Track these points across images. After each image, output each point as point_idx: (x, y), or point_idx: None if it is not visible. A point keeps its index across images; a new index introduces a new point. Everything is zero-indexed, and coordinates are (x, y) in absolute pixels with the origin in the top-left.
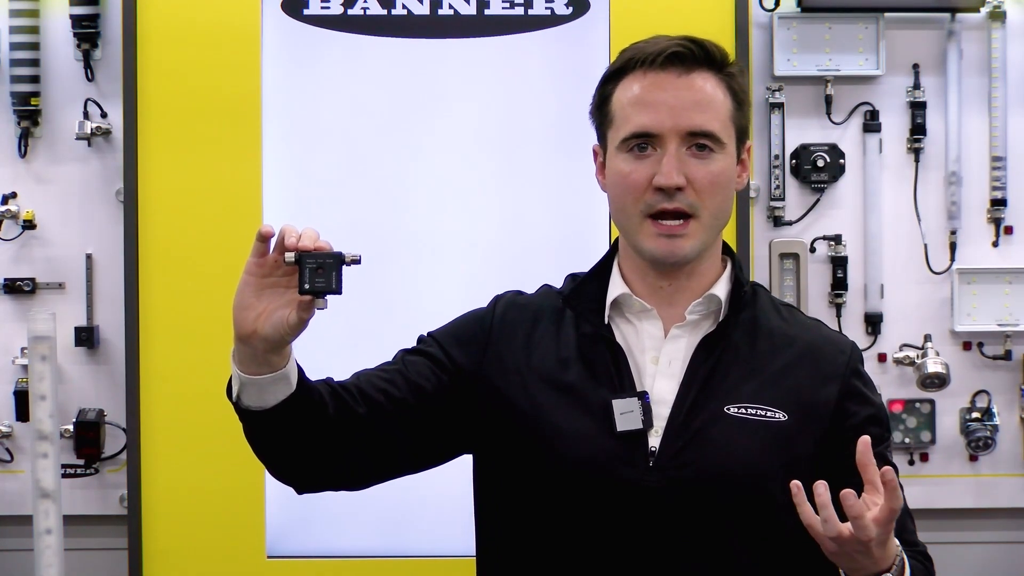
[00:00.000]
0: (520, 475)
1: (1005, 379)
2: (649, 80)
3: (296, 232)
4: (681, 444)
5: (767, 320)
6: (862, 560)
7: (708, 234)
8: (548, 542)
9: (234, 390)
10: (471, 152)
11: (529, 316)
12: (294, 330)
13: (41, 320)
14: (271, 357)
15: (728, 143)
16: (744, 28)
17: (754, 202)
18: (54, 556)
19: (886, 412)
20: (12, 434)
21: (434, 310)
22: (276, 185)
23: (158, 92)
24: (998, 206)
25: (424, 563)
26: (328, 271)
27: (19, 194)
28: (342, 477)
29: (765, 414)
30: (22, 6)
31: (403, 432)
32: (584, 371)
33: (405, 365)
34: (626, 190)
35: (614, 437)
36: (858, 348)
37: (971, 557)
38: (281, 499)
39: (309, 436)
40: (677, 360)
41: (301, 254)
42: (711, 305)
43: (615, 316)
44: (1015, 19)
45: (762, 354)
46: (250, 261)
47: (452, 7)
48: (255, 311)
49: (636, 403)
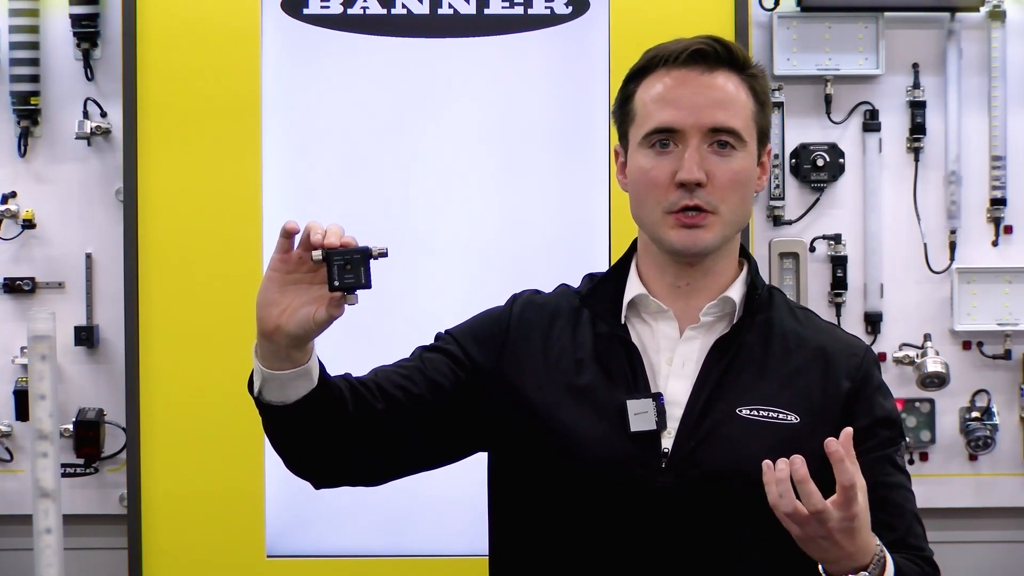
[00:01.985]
0: (534, 474)
1: (1005, 378)
2: (672, 77)
3: (321, 229)
4: (693, 445)
5: (781, 323)
6: (830, 549)
7: (727, 230)
8: (561, 541)
9: (255, 385)
10: (471, 151)
11: (546, 315)
12: (320, 327)
13: (41, 319)
14: (294, 353)
15: (749, 142)
16: (744, 28)
17: (754, 201)
18: (54, 556)
19: (898, 416)
20: (12, 433)
21: (434, 310)
22: (276, 184)
23: (158, 92)
24: (998, 205)
25: (424, 562)
26: (356, 267)
27: (19, 193)
28: (360, 473)
29: (777, 416)
30: (22, 5)
31: (421, 429)
32: (599, 371)
33: (423, 362)
34: (648, 186)
35: (628, 438)
36: (872, 351)
37: (971, 556)
38: (281, 498)
39: (329, 432)
40: (691, 361)
41: (328, 251)
42: (726, 307)
43: (631, 316)
44: (1015, 18)
45: (775, 356)
46: (274, 257)
47: (452, 6)
48: (279, 307)
49: (650, 404)
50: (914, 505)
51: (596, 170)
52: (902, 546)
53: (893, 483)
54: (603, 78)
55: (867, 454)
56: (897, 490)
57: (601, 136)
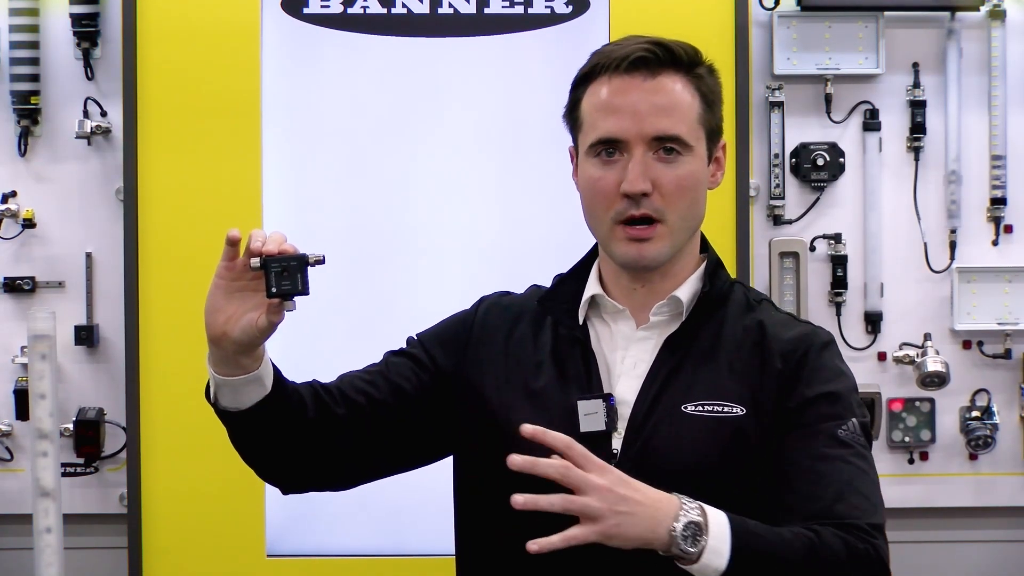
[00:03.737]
0: (492, 475)
1: (1005, 378)
2: (615, 85)
3: (262, 236)
4: (640, 444)
5: (736, 316)
6: (628, 510)
7: (677, 237)
8: (518, 541)
9: (211, 392)
10: (471, 151)
11: (510, 317)
12: (264, 333)
13: (41, 319)
14: (242, 359)
15: (696, 145)
16: (744, 27)
17: (754, 201)
18: (54, 555)
19: (848, 393)
20: (12, 433)
21: (434, 309)
22: (276, 183)
23: (158, 91)
24: (998, 205)
25: (424, 562)
26: (293, 273)
27: (19, 193)
28: (325, 477)
29: (723, 409)
30: (22, 5)
31: (383, 433)
32: (556, 373)
33: (387, 366)
34: (595, 196)
35: (578, 439)
36: (821, 334)
37: (970, 556)
38: (281, 498)
39: (287, 437)
40: (643, 361)
41: (266, 258)
42: (677, 306)
43: (592, 316)
44: (1015, 18)
45: (725, 350)
46: (220, 265)
47: (452, 6)
48: (224, 314)
49: (600, 404)
50: (860, 478)
51: None
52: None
53: (827, 455)
54: None
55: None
56: (830, 461)
57: None
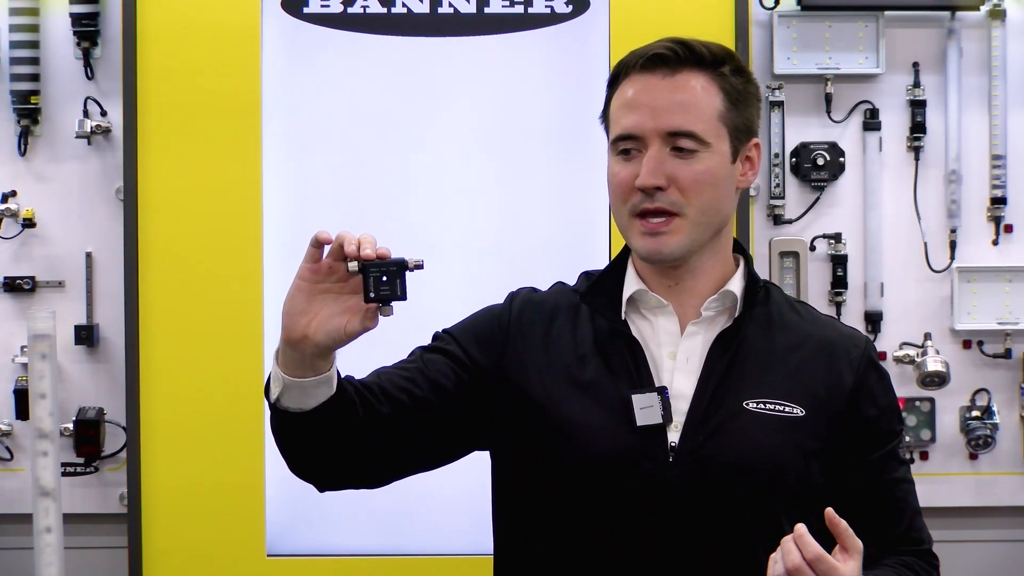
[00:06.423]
0: (540, 471)
1: (1005, 377)
2: (638, 83)
3: (355, 240)
4: (701, 439)
5: (781, 316)
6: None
7: (698, 231)
8: (568, 537)
9: (273, 391)
10: (471, 150)
11: (546, 313)
12: (351, 337)
13: (41, 318)
14: (318, 362)
15: (714, 142)
16: (744, 26)
17: (754, 201)
18: (54, 555)
19: (898, 406)
20: (12, 432)
21: (433, 309)
22: (276, 183)
23: (158, 90)
24: (998, 204)
25: (424, 562)
26: (392, 279)
27: (19, 192)
28: (362, 475)
29: (784, 409)
30: (22, 4)
31: (425, 431)
32: (602, 366)
33: (425, 363)
34: (615, 190)
35: (634, 432)
36: (872, 342)
37: (971, 555)
38: (281, 497)
39: (341, 436)
40: (695, 356)
41: (365, 263)
42: (726, 301)
43: (630, 312)
44: (1015, 17)
45: (778, 349)
46: (303, 267)
47: (452, 5)
48: (308, 316)
49: (656, 398)
50: (915, 498)
51: (596, 169)
52: (904, 541)
53: (897, 479)
54: (603, 77)
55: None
56: (900, 485)
57: (601, 135)
